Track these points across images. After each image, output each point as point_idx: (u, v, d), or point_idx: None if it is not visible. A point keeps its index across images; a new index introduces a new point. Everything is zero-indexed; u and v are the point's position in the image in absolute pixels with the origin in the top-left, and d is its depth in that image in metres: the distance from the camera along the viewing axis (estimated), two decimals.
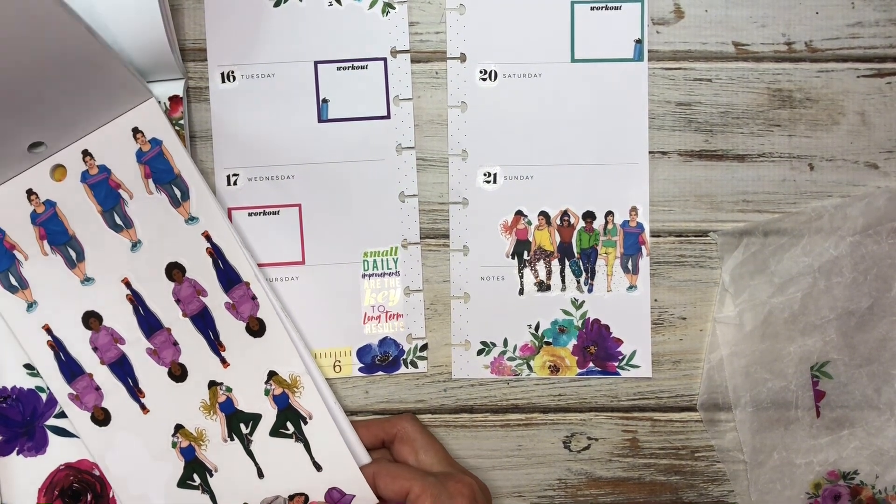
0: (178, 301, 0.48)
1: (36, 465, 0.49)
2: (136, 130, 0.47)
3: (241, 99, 0.50)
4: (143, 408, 0.48)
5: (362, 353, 0.50)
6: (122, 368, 0.48)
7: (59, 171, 0.47)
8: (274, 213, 0.50)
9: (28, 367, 0.49)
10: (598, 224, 0.50)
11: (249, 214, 0.50)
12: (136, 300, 0.48)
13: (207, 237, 0.48)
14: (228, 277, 0.48)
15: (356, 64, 0.50)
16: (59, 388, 0.48)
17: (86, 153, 0.47)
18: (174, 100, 0.48)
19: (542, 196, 0.50)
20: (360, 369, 0.51)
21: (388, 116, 0.50)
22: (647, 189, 0.50)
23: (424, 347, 0.51)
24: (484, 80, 0.50)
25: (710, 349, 0.51)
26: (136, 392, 0.48)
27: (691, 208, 0.50)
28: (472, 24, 0.50)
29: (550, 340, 0.51)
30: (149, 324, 0.48)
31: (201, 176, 0.47)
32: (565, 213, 0.50)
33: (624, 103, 0.50)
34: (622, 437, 0.51)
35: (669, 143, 0.50)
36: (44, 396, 0.49)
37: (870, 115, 0.50)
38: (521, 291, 0.50)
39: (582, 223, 0.50)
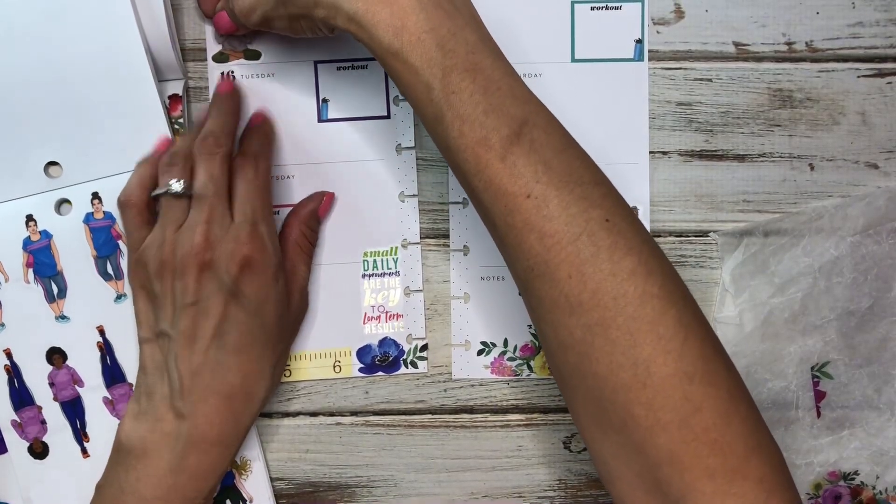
0: None
1: None
2: None
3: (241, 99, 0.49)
4: (85, 451, 0.48)
5: (362, 353, 0.50)
6: (74, 409, 0.48)
7: (64, 206, 0.47)
8: (274, 213, 0.50)
9: None
10: None
11: None
12: (106, 349, 0.48)
13: None
14: None
15: (356, 64, 0.50)
16: (3, 412, 0.48)
17: (95, 195, 0.47)
18: (173, 98, 0.48)
19: None
20: (360, 369, 0.50)
21: (388, 116, 0.50)
22: (647, 189, 0.50)
23: (424, 348, 0.51)
24: None
25: None
26: (81, 435, 0.48)
27: (691, 208, 0.50)
28: None
29: None
30: (113, 374, 0.48)
31: None
32: None
33: (624, 103, 0.50)
34: None
35: (669, 143, 0.50)
36: None
37: (870, 115, 0.50)
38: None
39: None
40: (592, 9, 0.49)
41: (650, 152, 0.50)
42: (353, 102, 0.50)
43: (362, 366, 0.51)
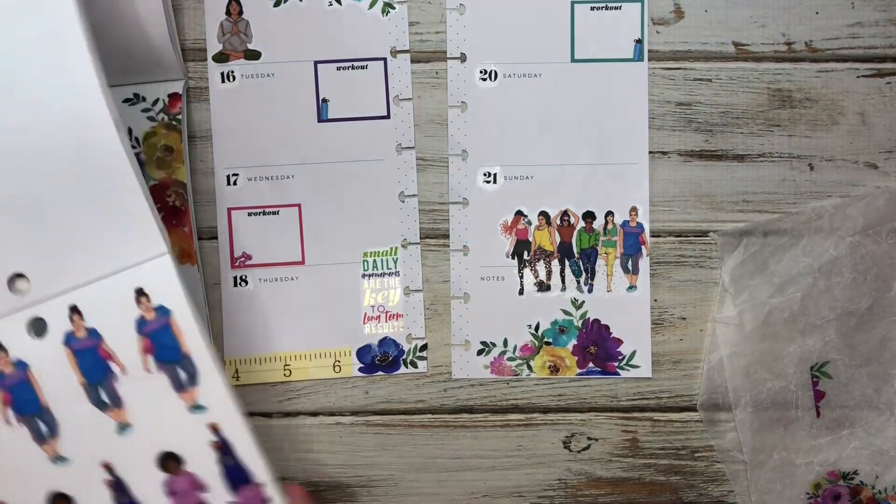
0: (171, 493, 0.40)
1: None
2: (139, 292, 0.39)
3: (241, 99, 0.50)
4: None
5: (362, 353, 0.50)
6: None
7: (37, 326, 0.39)
8: (274, 213, 0.50)
9: None
10: (598, 224, 0.50)
11: (249, 214, 0.50)
12: (117, 487, 0.40)
13: (215, 429, 0.40)
14: (237, 476, 0.41)
15: (356, 64, 0.50)
16: None
17: (74, 310, 0.39)
18: (173, 97, 0.48)
19: (542, 196, 0.50)
20: (360, 369, 0.50)
21: (388, 116, 0.50)
22: (647, 189, 0.50)
23: (424, 347, 0.51)
24: (484, 80, 0.50)
25: (710, 349, 0.51)
26: None
27: (691, 208, 0.51)
28: (472, 24, 0.50)
29: (550, 340, 0.51)
30: None
31: (217, 361, 0.40)
32: (565, 213, 0.50)
33: (624, 103, 0.50)
34: (622, 437, 0.51)
35: (669, 143, 0.50)
36: None
37: (869, 115, 0.50)
38: (521, 291, 0.50)
39: (582, 223, 0.50)
40: (592, 9, 0.49)
41: (650, 152, 0.50)
42: (353, 102, 0.50)
43: (362, 365, 0.51)
